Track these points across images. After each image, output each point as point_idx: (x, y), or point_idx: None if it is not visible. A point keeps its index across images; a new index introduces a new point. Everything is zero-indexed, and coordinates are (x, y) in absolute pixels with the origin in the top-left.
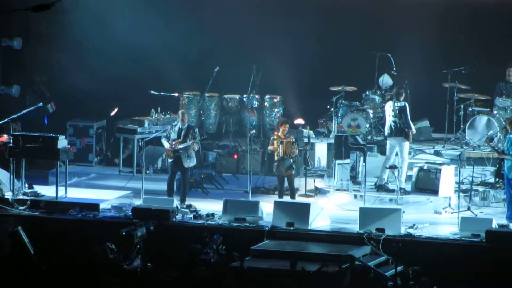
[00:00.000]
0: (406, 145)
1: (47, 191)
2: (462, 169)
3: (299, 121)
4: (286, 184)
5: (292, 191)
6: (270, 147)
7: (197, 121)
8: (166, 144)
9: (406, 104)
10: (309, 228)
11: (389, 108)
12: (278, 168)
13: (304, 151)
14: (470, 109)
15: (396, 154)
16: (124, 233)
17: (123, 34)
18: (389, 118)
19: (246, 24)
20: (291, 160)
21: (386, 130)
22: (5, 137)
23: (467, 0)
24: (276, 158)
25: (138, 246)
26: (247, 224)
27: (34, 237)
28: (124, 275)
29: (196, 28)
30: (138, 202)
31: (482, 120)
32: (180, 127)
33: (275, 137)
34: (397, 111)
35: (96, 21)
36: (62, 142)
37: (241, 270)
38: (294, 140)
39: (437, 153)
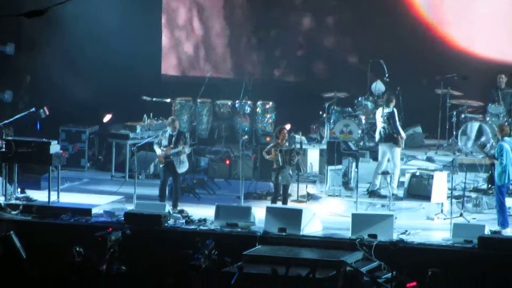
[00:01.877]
0: (397, 151)
1: (39, 196)
2: (454, 175)
3: (287, 126)
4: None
5: (285, 198)
6: (267, 156)
7: (189, 127)
8: (158, 151)
9: (395, 110)
10: (301, 233)
11: (379, 114)
12: (276, 176)
13: (298, 158)
14: (463, 116)
15: (389, 160)
16: (98, 237)
17: (116, 40)
18: (379, 124)
19: (239, 29)
20: (290, 169)
21: (377, 136)
22: None
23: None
24: (275, 166)
25: (112, 250)
26: (239, 230)
27: (26, 241)
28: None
29: (188, 34)
30: (130, 207)
31: (474, 126)
32: (171, 133)
33: (273, 144)
34: (386, 117)
35: (90, 27)
36: (55, 147)
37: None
38: (292, 147)
39: (429, 160)
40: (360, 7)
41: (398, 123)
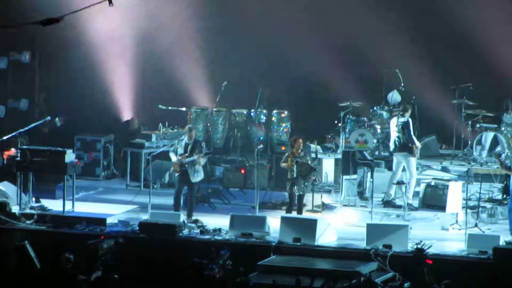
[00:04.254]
0: (412, 160)
1: (54, 205)
2: (469, 185)
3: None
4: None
5: (300, 208)
6: (283, 164)
7: (205, 136)
8: (173, 158)
9: (410, 119)
10: (316, 243)
11: (393, 124)
12: (291, 186)
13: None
14: (478, 125)
15: (404, 170)
16: (90, 244)
17: (133, 48)
18: (394, 133)
19: (255, 38)
20: (304, 181)
21: (391, 146)
22: (12, 151)
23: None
24: (289, 176)
25: (103, 258)
26: (254, 239)
27: (41, 251)
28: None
29: (204, 41)
30: (145, 216)
31: (489, 136)
32: (187, 142)
33: (290, 154)
34: (400, 127)
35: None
36: (70, 156)
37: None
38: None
39: (444, 169)
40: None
41: (412, 132)
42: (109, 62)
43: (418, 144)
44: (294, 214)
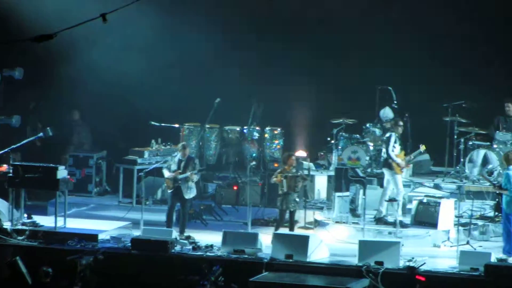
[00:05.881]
0: (396, 176)
1: (46, 221)
2: (461, 202)
3: (300, 153)
4: (285, 216)
5: (292, 225)
6: (274, 179)
7: (197, 152)
8: (166, 174)
9: (392, 135)
10: (308, 260)
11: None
12: (282, 202)
13: (303, 184)
14: (470, 143)
15: None
16: (69, 260)
17: (125, 65)
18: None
19: (247, 56)
20: (295, 195)
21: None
22: (4, 167)
23: (466, 33)
24: (280, 192)
25: (82, 274)
26: (246, 256)
27: (32, 267)
28: None
29: (198, 59)
30: (137, 233)
31: (480, 154)
32: (181, 158)
33: (280, 170)
34: (383, 142)
35: (99, 52)
36: (62, 173)
37: None
38: (298, 174)
39: (436, 187)
40: (371, 34)
41: (390, 148)
42: (102, 77)
43: (399, 160)
44: (286, 230)
